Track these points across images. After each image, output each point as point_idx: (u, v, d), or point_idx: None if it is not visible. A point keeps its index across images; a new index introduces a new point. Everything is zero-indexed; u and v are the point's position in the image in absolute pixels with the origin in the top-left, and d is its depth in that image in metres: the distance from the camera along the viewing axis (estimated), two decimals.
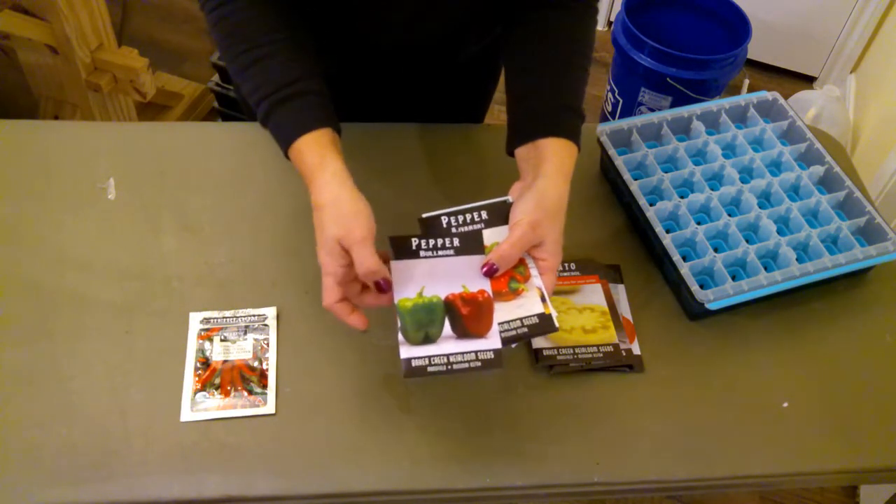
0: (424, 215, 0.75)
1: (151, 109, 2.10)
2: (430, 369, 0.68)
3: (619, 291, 0.92)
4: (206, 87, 2.10)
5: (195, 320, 0.84)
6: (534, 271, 0.73)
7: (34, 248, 0.89)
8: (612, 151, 0.99)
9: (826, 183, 1.02)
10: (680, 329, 0.90)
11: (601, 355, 0.85)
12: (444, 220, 0.75)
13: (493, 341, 0.70)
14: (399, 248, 0.73)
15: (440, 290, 0.72)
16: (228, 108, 2.08)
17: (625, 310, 0.90)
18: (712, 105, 1.07)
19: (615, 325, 0.87)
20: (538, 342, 0.85)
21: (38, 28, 1.67)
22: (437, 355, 0.69)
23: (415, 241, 0.73)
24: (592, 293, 0.90)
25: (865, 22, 2.31)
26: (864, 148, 2.12)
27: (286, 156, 0.75)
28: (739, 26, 2.04)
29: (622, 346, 0.86)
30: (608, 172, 1.04)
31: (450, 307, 0.71)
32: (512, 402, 0.82)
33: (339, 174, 0.71)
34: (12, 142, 0.99)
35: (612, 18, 2.65)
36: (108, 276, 0.87)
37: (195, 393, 0.79)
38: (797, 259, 0.92)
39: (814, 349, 0.90)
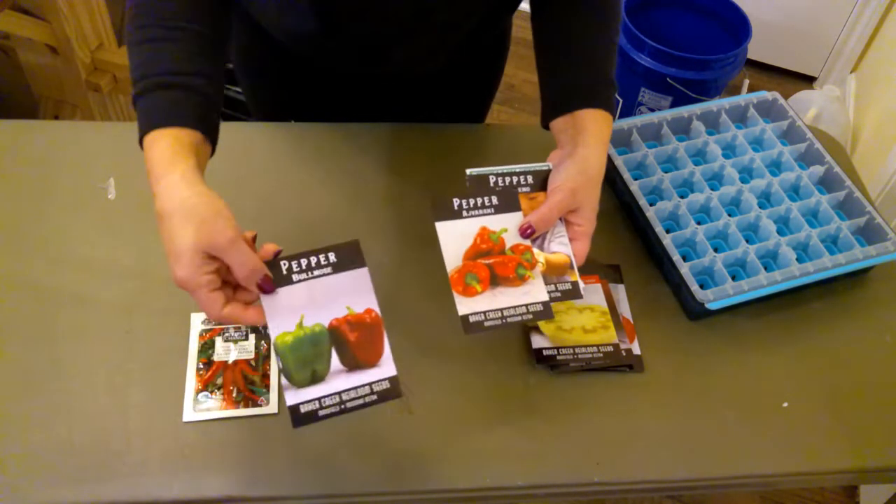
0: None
1: None
2: (321, 413, 0.63)
3: (619, 291, 0.92)
4: None
5: (196, 320, 0.84)
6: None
7: (34, 248, 0.89)
8: (612, 151, 0.99)
9: (826, 183, 1.02)
10: (680, 329, 0.90)
11: (601, 355, 0.85)
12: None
13: (386, 369, 0.65)
14: (272, 268, 0.66)
15: (322, 316, 0.65)
16: (228, 108, 2.08)
17: (625, 310, 0.90)
18: (712, 105, 1.07)
19: (615, 325, 0.87)
20: (538, 342, 0.85)
21: (38, 28, 1.67)
22: (328, 395, 0.64)
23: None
24: (592, 293, 0.90)
25: (865, 22, 2.31)
26: (864, 148, 2.12)
27: (140, 144, 0.66)
28: (739, 26, 2.04)
29: (622, 346, 0.86)
30: (608, 172, 1.03)
31: (335, 335, 0.65)
32: (512, 402, 0.82)
33: (190, 175, 0.63)
34: (12, 142, 0.99)
35: None
36: (108, 276, 0.87)
37: (197, 393, 0.79)
38: (797, 259, 0.92)
39: (814, 349, 0.90)
